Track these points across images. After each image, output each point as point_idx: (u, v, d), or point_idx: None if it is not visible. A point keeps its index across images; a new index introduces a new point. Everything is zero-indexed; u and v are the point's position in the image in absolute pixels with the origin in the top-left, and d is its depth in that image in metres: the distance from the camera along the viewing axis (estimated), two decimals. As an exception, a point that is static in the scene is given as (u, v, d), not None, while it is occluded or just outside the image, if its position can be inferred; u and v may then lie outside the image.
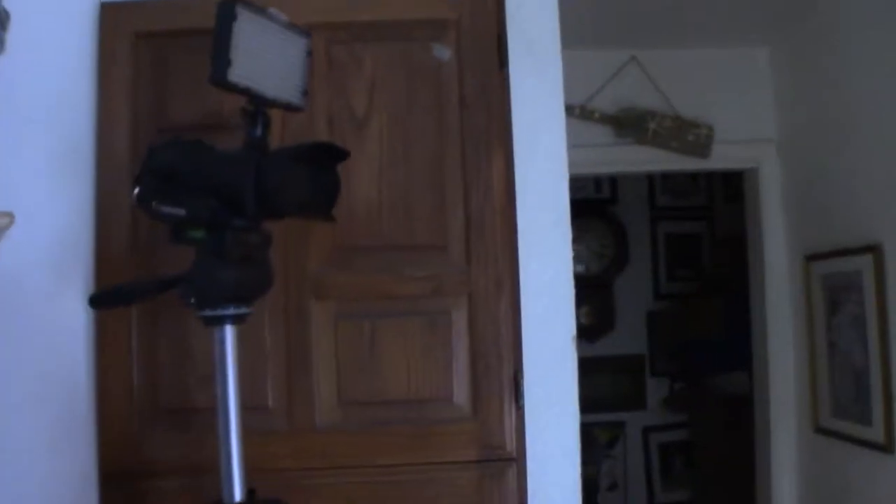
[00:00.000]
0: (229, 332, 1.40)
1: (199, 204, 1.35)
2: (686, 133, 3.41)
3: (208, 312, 1.39)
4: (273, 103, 1.39)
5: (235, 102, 1.86)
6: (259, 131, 1.39)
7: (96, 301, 1.62)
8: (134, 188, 1.40)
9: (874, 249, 2.85)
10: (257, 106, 1.38)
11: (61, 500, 1.82)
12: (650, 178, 4.61)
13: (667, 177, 4.68)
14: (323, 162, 1.41)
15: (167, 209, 1.37)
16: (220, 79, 1.29)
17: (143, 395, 1.82)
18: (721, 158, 3.49)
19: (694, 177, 4.73)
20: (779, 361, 3.48)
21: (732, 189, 4.65)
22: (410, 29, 1.88)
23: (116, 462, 1.81)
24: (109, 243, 1.85)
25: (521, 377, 1.84)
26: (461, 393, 1.83)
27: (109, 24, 1.88)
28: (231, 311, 1.40)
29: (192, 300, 1.41)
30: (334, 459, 1.80)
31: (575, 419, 1.88)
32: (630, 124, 3.38)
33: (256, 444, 1.43)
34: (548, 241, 1.88)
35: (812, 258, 3.28)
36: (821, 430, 3.23)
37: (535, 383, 1.85)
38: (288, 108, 1.44)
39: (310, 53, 1.45)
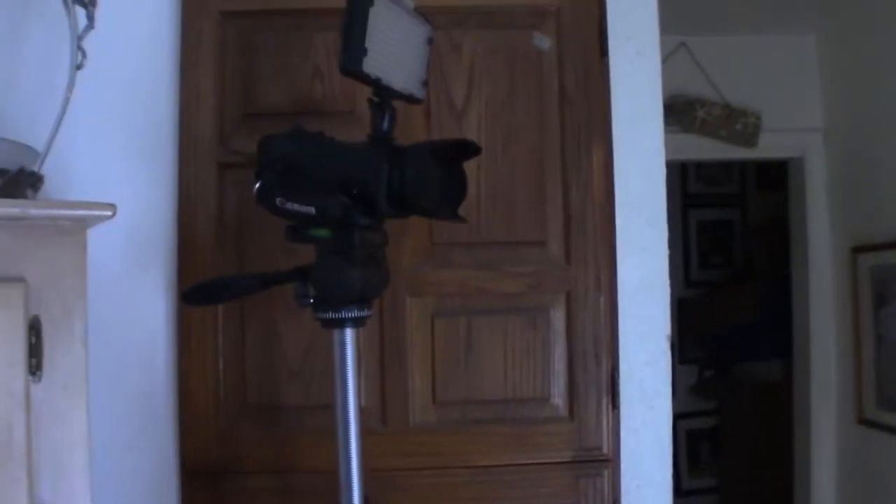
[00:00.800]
0: (350, 334, 1.33)
1: (329, 201, 1.26)
2: (735, 122, 3.34)
3: (330, 314, 1.31)
4: (398, 95, 1.31)
5: (328, 89, 1.79)
6: (386, 124, 1.30)
7: (190, 296, 1.50)
8: (255, 182, 1.31)
9: (927, 242, 2.81)
10: (383, 97, 1.30)
11: (142, 497, 1.75)
12: (683, 164, 4.54)
13: (700, 164, 4.62)
14: (453, 158, 1.33)
15: (295, 206, 1.28)
16: (354, 69, 1.19)
17: (229, 391, 1.74)
18: (767, 147, 3.44)
19: (727, 164, 4.67)
20: (820, 351, 3.45)
21: (766, 176, 4.60)
22: (511, 16, 1.79)
23: (200, 459, 1.73)
24: (193, 233, 1.76)
25: (618, 377, 1.78)
26: (558, 393, 1.76)
27: (194, 2, 1.78)
28: (354, 313, 1.32)
29: (311, 301, 1.33)
30: (428, 459, 1.73)
31: (668, 419, 1.82)
32: (679, 111, 3.31)
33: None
34: (644, 238, 1.80)
35: (859, 250, 3.24)
36: (865, 422, 3.21)
37: (630, 383, 1.79)
38: (410, 100, 1.35)
39: (430, 41, 1.36)
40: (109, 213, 1.32)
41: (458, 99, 1.77)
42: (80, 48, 1.49)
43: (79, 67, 1.49)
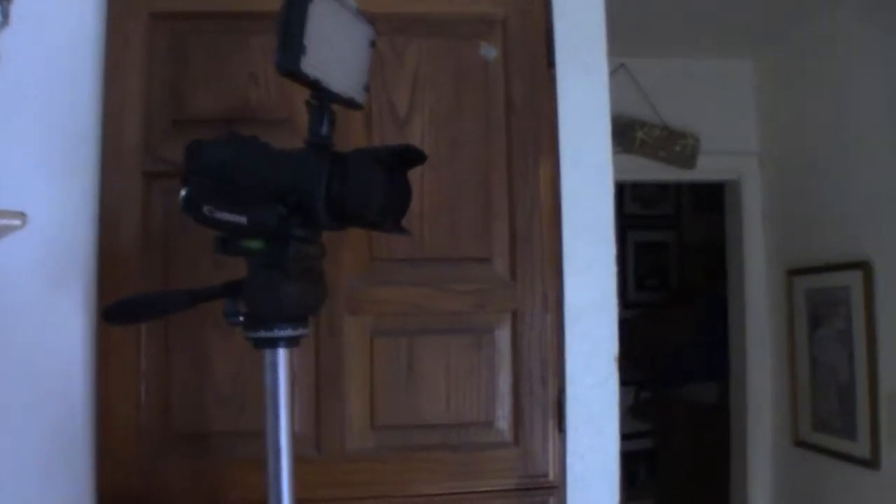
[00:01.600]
0: (283, 355, 1.22)
1: (262, 211, 1.15)
2: (674, 143, 3.33)
3: (263, 333, 1.20)
4: (338, 98, 1.21)
5: (264, 95, 1.68)
6: (325, 129, 1.20)
7: (111, 314, 1.35)
8: (181, 189, 1.20)
9: (862, 266, 2.81)
10: (323, 100, 1.19)
11: (55, 532, 1.60)
12: (620, 185, 4.52)
13: (636, 185, 4.61)
14: (397, 166, 1.24)
15: (225, 215, 1.16)
16: (291, 68, 1.09)
17: (153, 418, 1.59)
18: (704, 170, 3.43)
19: (662, 186, 4.68)
20: (756, 372, 3.44)
21: (701, 198, 4.62)
22: (456, 25, 1.70)
23: (120, 490, 1.58)
24: (116, 247, 1.62)
25: (564, 400, 1.69)
26: (503, 416, 1.66)
27: (122, 1, 1.65)
28: (288, 332, 1.21)
29: (242, 318, 1.22)
30: (365, 488, 1.60)
31: (615, 443, 1.74)
32: (619, 132, 3.27)
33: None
34: (592, 256, 1.73)
35: (794, 272, 3.24)
36: (801, 444, 3.19)
37: (577, 406, 1.70)
38: (351, 104, 1.25)
39: (373, 44, 1.27)
40: (19, 222, 1.19)
41: (400, 107, 1.67)
42: (-9, 44, 1.36)
43: (-10, 66, 1.36)
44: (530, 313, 1.67)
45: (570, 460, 1.70)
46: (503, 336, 1.67)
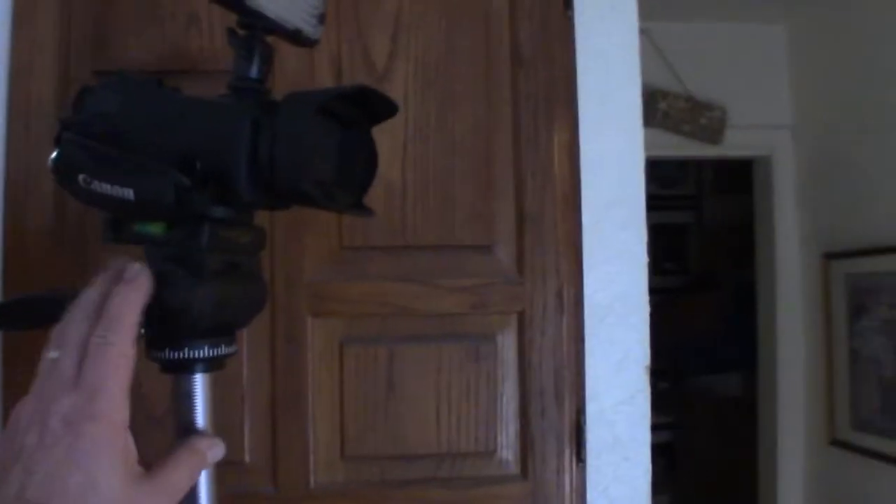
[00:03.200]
0: (201, 382, 0.83)
1: (156, 181, 0.76)
2: (699, 116, 2.91)
3: (168, 355, 0.81)
4: (277, 27, 0.81)
5: (207, 42, 1.29)
6: (255, 70, 0.80)
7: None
8: (52, 152, 0.82)
9: (912, 248, 2.42)
10: (252, 28, 0.80)
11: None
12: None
13: (654, 164, 4.19)
14: (355, 121, 0.84)
15: (105, 187, 0.78)
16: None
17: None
18: (731, 145, 3.02)
19: (681, 164, 4.26)
20: (788, 365, 3.04)
21: (723, 177, 4.20)
22: (449, -48, 1.31)
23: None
24: (23, 233, 1.25)
25: (584, 422, 1.31)
26: (508, 444, 1.28)
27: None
28: (205, 351, 0.82)
29: (143, 332, 0.83)
30: (334, 534, 1.24)
31: (647, 474, 1.36)
32: (639, 103, 2.87)
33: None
34: (619, 243, 1.34)
35: (832, 256, 2.84)
36: (838, 443, 2.80)
37: (600, 428, 1.32)
38: (295, 38, 0.85)
39: (329, -42, 0.87)
40: None
41: (378, 56, 1.27)
42: None
43: None
44: (541, 315, 1.28)
45: (590, 496, 1.32)
46: (507, 343, 1.28)
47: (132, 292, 0.62)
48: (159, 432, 1.17)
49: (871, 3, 2.61)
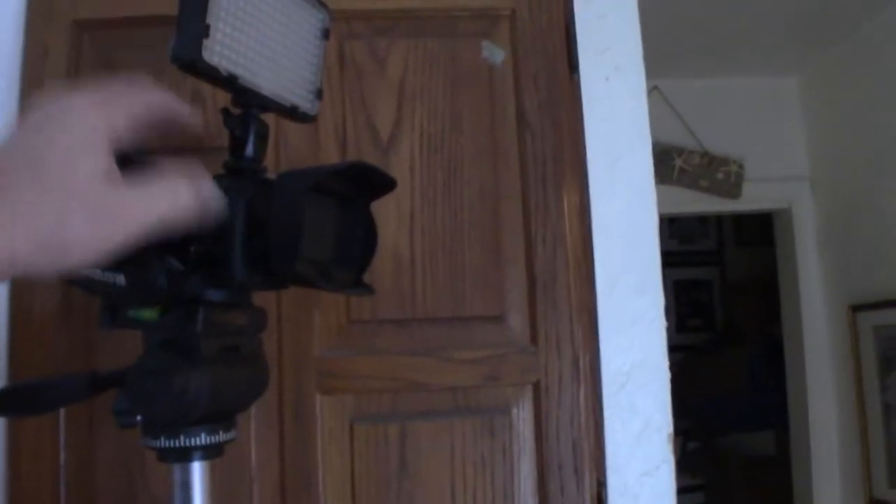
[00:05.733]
0: (198, 470, 0.79)
1: (149, 266, 0.74)
2: (716, 171, 2.88)
3: (164, 443, 0.78)
4: (271, 104, 0.80)
5: (211, 118, 1.28)
6: (250, 148, 0.79)
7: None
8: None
9: (942, 299, 2.34)
10: (247, 107, 0.79)
11: None
12: (656, 219, 4.07)
13: (673, 220, 4.14)
14: (353, 197, 0.82)
15: (95, 272, 0.75)
16: (189, 56, 0.69)
17: (75, 528, 1.18)
18: (749, 199, 2.97)
19: (702, 219, 4.20)
20: (820, 422, 2.93)
21: (744, 231, 4.14)
22: (452, 22, 1.28)
23: None
24: (29, 312, 1.23)
25: (606, 496, 1.25)
26: (527, 522, 1.22)
27: (41, 7, 1.28)
28: (202, 439, 0.78)
29: (138, 419, 0.80)
30: None
31: (675, 550, 1.29)
32: (655, 161, 2.84)
33: None
34: (635, 309, 1.29)
35: (858, 308, 2.75)
36: (875, 502, 2.68)
37: (623, 502, 1.26)
38: (292, 114, 0.83)
39: (326, 34, 0.86)
40: None
41: (383, 127, 1.25)
42: None
43: None
44: (557, 385, 1.23)
45: (615, 574, 1.25)
46: (523, 416, 1.23)
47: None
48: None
49: (881, 49, 2.59)
